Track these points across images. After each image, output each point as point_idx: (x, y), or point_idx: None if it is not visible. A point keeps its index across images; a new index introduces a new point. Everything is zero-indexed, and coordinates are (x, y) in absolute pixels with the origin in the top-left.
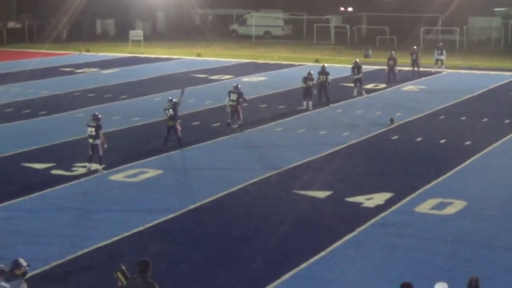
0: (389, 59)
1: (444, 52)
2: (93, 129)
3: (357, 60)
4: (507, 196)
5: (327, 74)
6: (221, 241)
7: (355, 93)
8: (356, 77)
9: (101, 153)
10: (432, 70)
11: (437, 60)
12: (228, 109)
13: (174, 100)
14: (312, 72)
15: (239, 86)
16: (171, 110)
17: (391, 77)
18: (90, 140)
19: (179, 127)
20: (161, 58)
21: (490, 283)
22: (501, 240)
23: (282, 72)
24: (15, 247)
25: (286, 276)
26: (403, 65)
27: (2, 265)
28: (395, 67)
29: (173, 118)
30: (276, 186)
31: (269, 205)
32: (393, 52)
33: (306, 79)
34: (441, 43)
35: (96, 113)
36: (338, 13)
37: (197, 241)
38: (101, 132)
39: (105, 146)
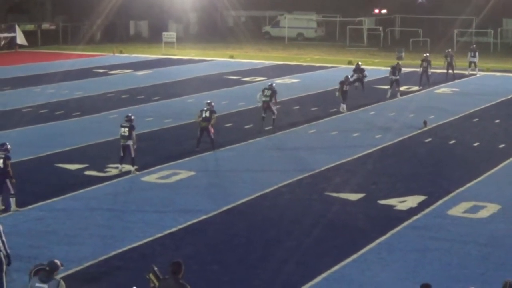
0: (423, 60)
1: (477, 54)
2: (126, 129)
3: (399, 62)
4: None
5: (362, 71)
6: (253, 243)
7: (388, 95)
8: (394, 78)
9: (133, 154)
10: (466, 72)
11: (470, 63)
12: (259, 104)
13: (212, 103)
14: (349, 76)
15: (274, 85)
16: (207, 112)
17: (424, 79)
18: (122, 141)
19: (212, 129)
20: (194, 60)
21: None
22: None
23: (314, 74)
24: (49, 247)
25: (318, 279)
26: (436, 67)
27: (44, 263)
28: (429, 69)
29: (206, 119)
30: (309, 188)
31: (301, 207)
32: (427, 54)
33: (343, 83)
34: (474, 45)
35: (129, 115)
36: (371, 15)
37: (229, 243)
38: (134, 132)
39: (135, 146)
